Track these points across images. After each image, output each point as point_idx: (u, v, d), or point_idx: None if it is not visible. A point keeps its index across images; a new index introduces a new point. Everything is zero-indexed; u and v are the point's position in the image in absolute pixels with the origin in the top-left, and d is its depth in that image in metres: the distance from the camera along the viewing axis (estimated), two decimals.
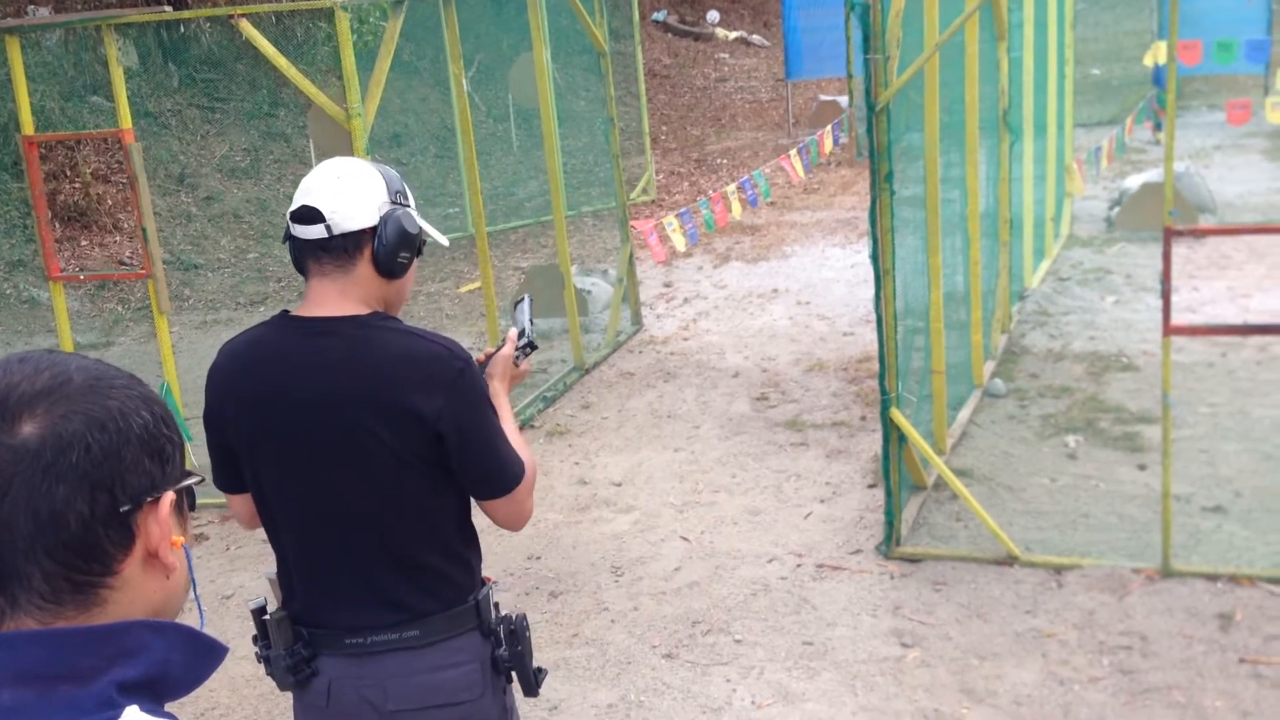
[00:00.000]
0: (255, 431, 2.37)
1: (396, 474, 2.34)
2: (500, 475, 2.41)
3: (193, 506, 1.25)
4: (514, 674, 2.51)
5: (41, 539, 1.08)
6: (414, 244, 2.39)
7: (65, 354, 1.17)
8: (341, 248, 2.33)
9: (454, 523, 2.45)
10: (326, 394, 2.32)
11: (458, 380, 2.32)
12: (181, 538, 1.19)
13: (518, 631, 2.47)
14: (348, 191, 2.33)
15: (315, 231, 2.32)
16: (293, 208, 2.36)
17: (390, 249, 2.34)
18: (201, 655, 1.15)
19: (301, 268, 2.40)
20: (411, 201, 2.45)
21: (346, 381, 2.32)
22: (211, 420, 2.43)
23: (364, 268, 2.35)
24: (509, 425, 2.51)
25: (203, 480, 1.25)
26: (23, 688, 1.05)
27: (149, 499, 1.14)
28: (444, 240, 2.53)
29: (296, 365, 2.34)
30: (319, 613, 2.40)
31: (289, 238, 2.38)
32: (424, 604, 2.38)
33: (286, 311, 2.44)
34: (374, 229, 2.34)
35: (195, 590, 1.23)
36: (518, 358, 2.68)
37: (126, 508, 1.12)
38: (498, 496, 2.42)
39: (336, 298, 2.36)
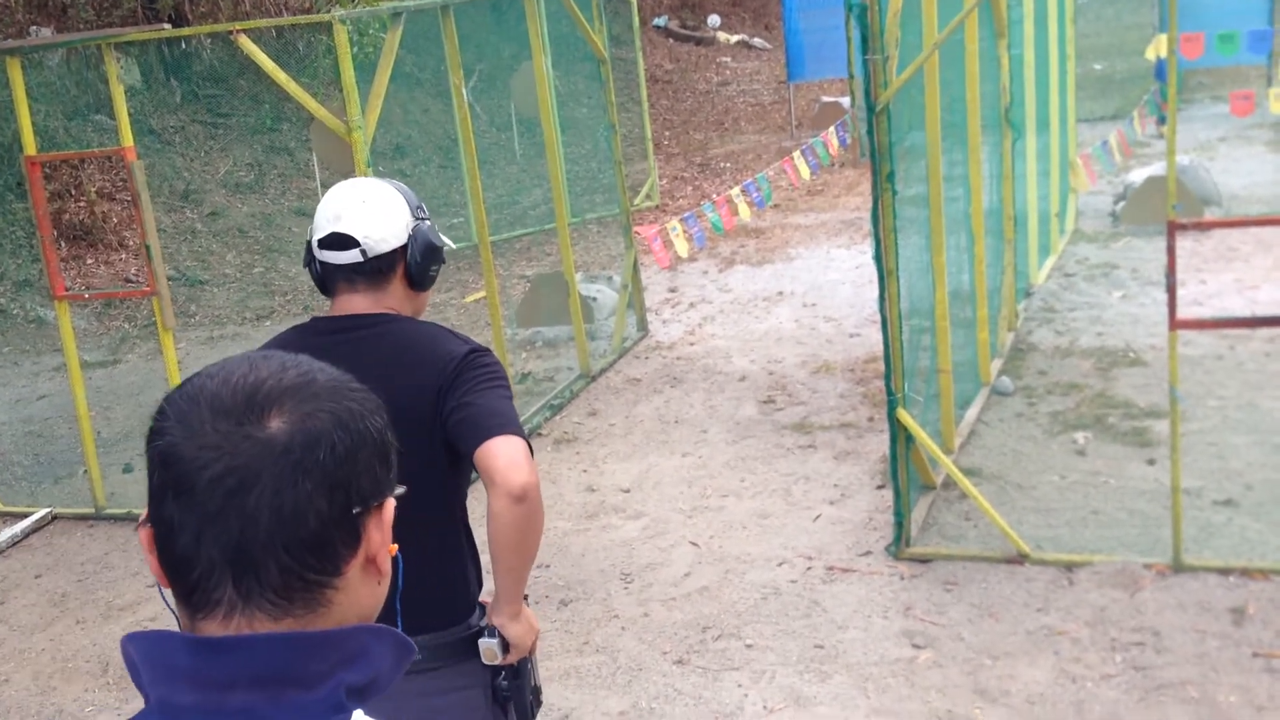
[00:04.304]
0: None
1: (415, 453, 2.35)
2: (502, 417, 2.29)
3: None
4: (510, 705, 2.51)
5: (281, 533, 1.09)
6: (440, 255, 2.49)
7: (304, 355, 1.20)
8: (375, 269, 2.42)
9: (464, 524, 2.48)
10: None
11: (468, 356, 2.37)
12: (395, 545, 1.21)
13: (519, 664, 2.48)
14: (377, 215, 2.41)
15: (350, 257, 2.40)
16: (321, 234, 2.41)
17: (423, 263, 2.45)
18: (404, 657, 1.17)
19: (327, 289, 2.46)
20: (427, 213, 2.54)
21: (374, 367, 2.35)
22: None
23: (396, 284, 2.45)
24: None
25: (406, 490, 1.25)
26: (254, 691, 1.06)
27: (375, 503, 1.16)
28: (450, 243, 2.61)
29: (330, 358, 2.36)
30: None
31: (313, 262, 2.45)
32: (437, 618, 2.41)
33: (316, 317, 2.50)
34: (404, 247, 2.43)
35: (399, 597, 1.25)
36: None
37: (358, 509, 1.13)
38: (494, 435, 2.26)
39: (368, 306, 2.44)
